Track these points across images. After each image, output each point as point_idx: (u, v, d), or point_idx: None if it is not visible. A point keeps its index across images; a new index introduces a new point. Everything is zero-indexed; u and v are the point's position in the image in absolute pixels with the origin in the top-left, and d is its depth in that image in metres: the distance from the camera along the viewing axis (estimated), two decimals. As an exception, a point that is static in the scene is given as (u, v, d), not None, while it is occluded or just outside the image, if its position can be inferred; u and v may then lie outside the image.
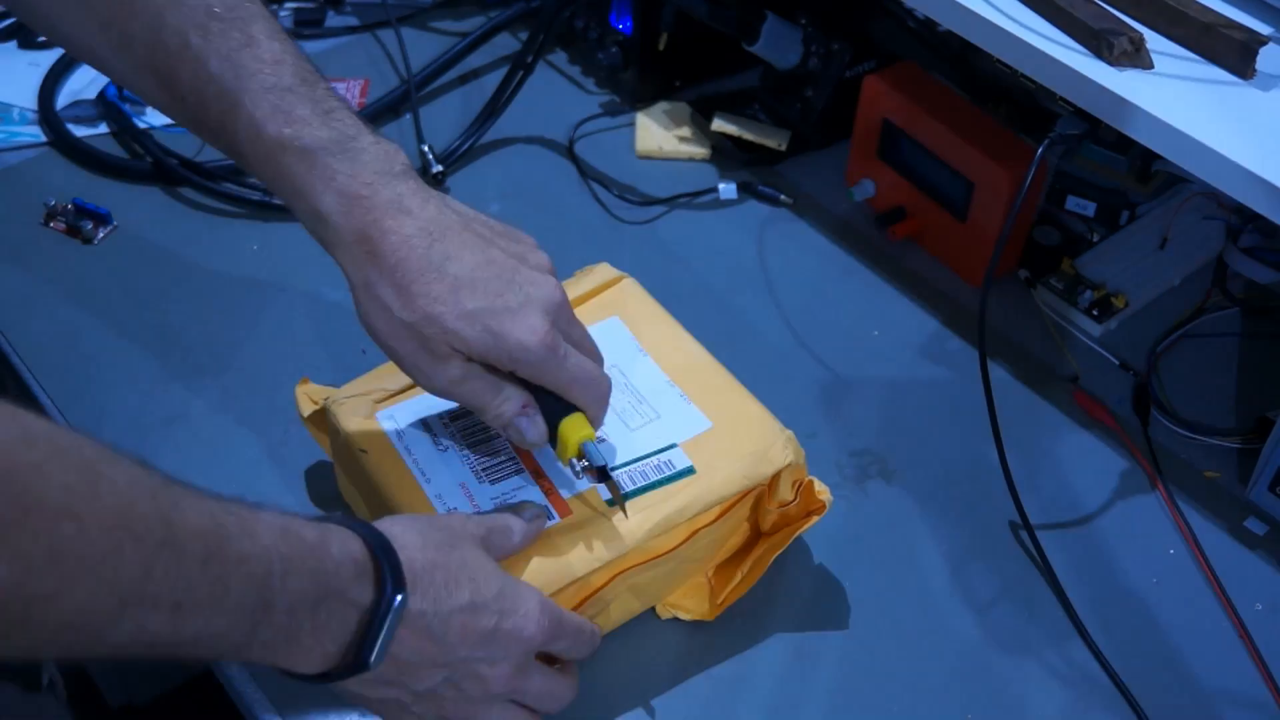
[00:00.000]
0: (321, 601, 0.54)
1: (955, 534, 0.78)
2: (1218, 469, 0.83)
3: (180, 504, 0.48)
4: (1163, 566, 0.77)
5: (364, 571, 0.55)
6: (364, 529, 0.57)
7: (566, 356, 0.64)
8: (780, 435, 0.71)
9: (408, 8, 1.16)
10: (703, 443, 0.71)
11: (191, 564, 0.48)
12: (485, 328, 0.62)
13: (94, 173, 0.99)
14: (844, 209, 1.01)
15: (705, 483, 0.69)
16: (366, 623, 0.55)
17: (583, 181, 1.02)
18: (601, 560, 0.66)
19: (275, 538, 0.52)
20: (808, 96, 1.02)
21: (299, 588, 0.52)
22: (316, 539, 0.54)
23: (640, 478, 0.69)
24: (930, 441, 0.84)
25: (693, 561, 0.71)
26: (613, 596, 0.68)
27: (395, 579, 0.56)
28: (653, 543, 0.68)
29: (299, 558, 0.52)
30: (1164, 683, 0.71)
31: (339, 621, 0.55)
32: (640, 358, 0.76)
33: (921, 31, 1.01)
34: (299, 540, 0.53)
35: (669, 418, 0.72)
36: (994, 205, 0.89)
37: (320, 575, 0.53)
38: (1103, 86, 0.71)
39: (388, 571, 0.55)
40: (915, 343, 0.91)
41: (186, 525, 0.48)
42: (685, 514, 0.68)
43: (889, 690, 0.71)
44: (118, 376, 0.85)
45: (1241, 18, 0.74)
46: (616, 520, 0.67)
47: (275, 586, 0.51)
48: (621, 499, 0.67)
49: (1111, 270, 0.93)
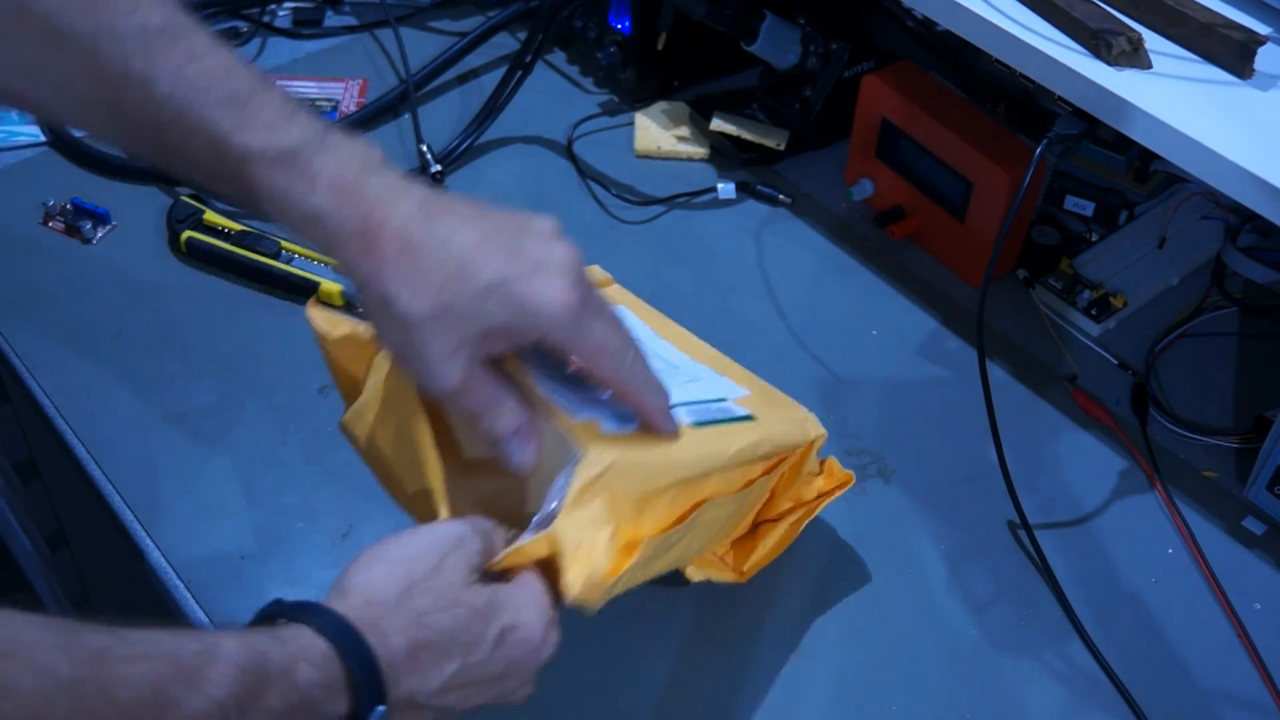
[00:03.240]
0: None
1: (954, 533, 0.79)
2: (1216, 468, 0.83)
3: (110, 683, 0.45)
4: (1161, 566, 0.77)
5: (337, 687, 0.53)
6: (337, 632, 0.53)
7: (591, 323, 0.60)
8: (806, 411, 0.72)
9: (406, 7, 1.16)
10: (746, 404, 0.70)
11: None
12: (502, 299, 0.58)
13: (93, 172, 0.99)
14: (843, 209, 1.01)
15: (765, 430, 0.68)
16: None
17: (581, 181, 1.02)
18: (704, 468, 0.64)
19: (232, 682, 0.48)
20: (806, 96, 1.03)
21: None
22: (280, 669, 0.51)
23: (704, 414, 0.67)
24: (929, 441, 0.84)
25: (737, 517, 0.70)
26: (690, 527, 0.65)
27: (372, 691, 0.53)
28: (734, 472, 0.66)
29: (257, 695, 0.49)
30: (1162, 682, 0.72)
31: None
32: (657, 340, 0.74)
33: (920, 31, 1.01)
34: (260, 674, 0.50)
35: (707, 381, 0.71)
36: (992, 205, 0.89)
37: (285, 706, 0.51)
38: (1101, 86, 0.71)
39: (362, 687, 0.53)
40: (914, 342, 0.91)
41: (117, 708, 0.45)
42: (759, 449, 0.67)
43: (888, 690, 0.71)
44: (117, 376, 0.85)
45: (1240, 18, 0.74)
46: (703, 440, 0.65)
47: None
48: None
49: (1110, 270, 0.93)
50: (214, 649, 0.49)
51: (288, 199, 0.60)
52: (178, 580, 0.74)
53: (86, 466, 0.80)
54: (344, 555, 0.76)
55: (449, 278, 0.58)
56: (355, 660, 0.53)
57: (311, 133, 0.60)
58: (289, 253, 0.91)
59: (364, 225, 0.59)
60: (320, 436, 0.82)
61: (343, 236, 0.59)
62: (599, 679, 0.71)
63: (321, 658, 0.52)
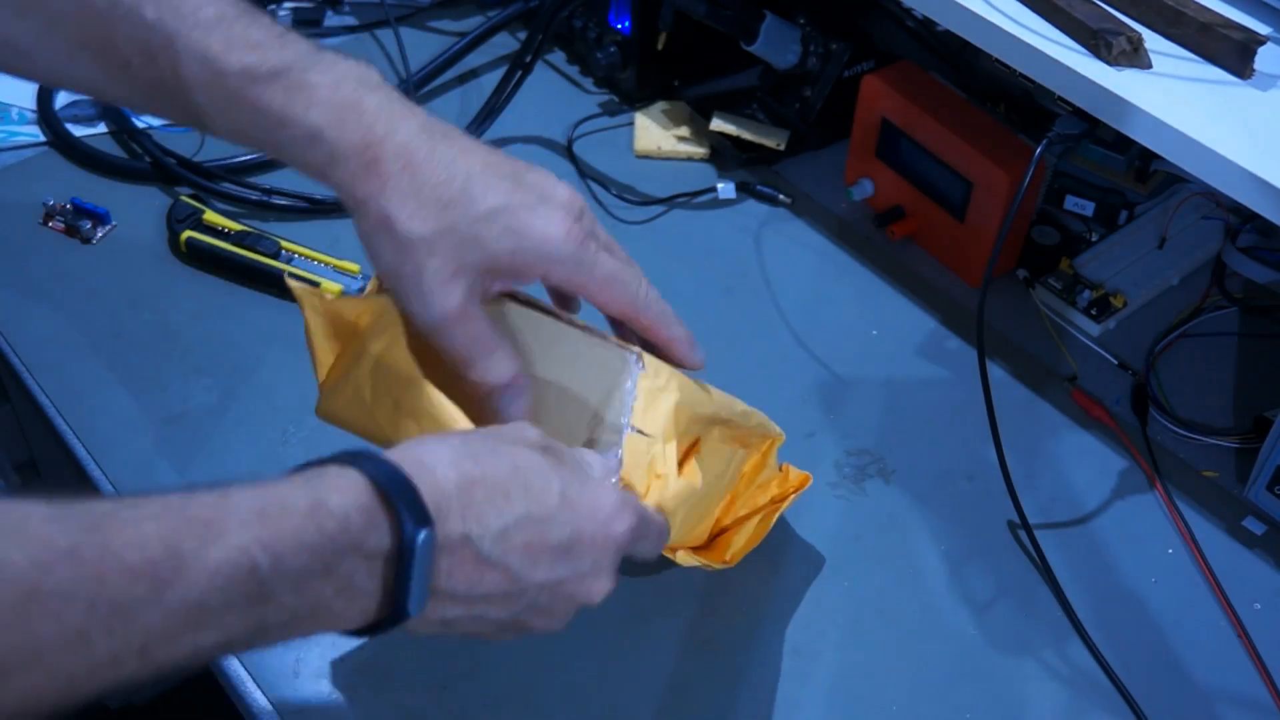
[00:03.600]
0: (334, 566, 0.47)
1: (954, 533, 0.79)
2: (1216, 468, 0.83)
3: (114, 545, 0.43)
4: (1161, 566, 0.77)
5: (376, 517, 0.48)
6: (371, 465, 0.49)
7: (598, 254, 0.59)
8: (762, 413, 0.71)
9: (406, 7, 1.16)
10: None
11: (143, 608, 0.43)
12: (506, 227, 0.57)
13: (92, 172, 0.99)
14: (843, 208, 1.01)
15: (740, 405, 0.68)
16: (394, 571, 0.49)
17: (581, 181, 1.02)
18: (723, 411, 0.64)
19: (252, 528, 0.45)
20: (806, 96, 1.02)
21: (298, 565, 0.46)
22: (308, 505, 0.47)
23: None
24: (929, 441, 0.84)
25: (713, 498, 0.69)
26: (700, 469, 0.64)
27: (415, 514, 0.48)
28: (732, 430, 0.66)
29: (288, 537, 0.46)
30: (1162, 682, 0.72)
31: (365, 576, 0.48)
32: None
33: (920, 31, 1.01)
34: (284, 516, 0.47)
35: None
36: (992, 205, 0.89)
37: (322, 544, 0.47)
38: (1101, 86, 0.71)
39: (403, 508, 0.48)
40: (914, 342, 0.91)
41: (124, 569, 0.43)
42: (751, 418, 0.68)
43: (888, 690, 0.71)
44: (117, 376, 0.85)
45: (1240, 18, 0.74)
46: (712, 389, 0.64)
47: (266, 579, 0.45)
48: None
49: (1110, 270, 0.93)
50: (227, 500, 0.46)
51: (285, 116, 0.58)
52: (178, 580, 0.74)
53: (86, 466, 0.80)
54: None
55: (452, 200, 0.57)
56: (390, 483, 0.49)
57: (305, 50, 0.59)
58: (289, 253, 0.91)
59: (364, 140, 0.57)
60: (320, 436, 0.81)
61: (343, 152, 0.57)
62: (599, 679, 0.71)
63: (351, 481, 0.49)
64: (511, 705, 0.69)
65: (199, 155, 1.00)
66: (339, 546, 0.47)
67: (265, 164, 1.00)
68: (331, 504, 0.47)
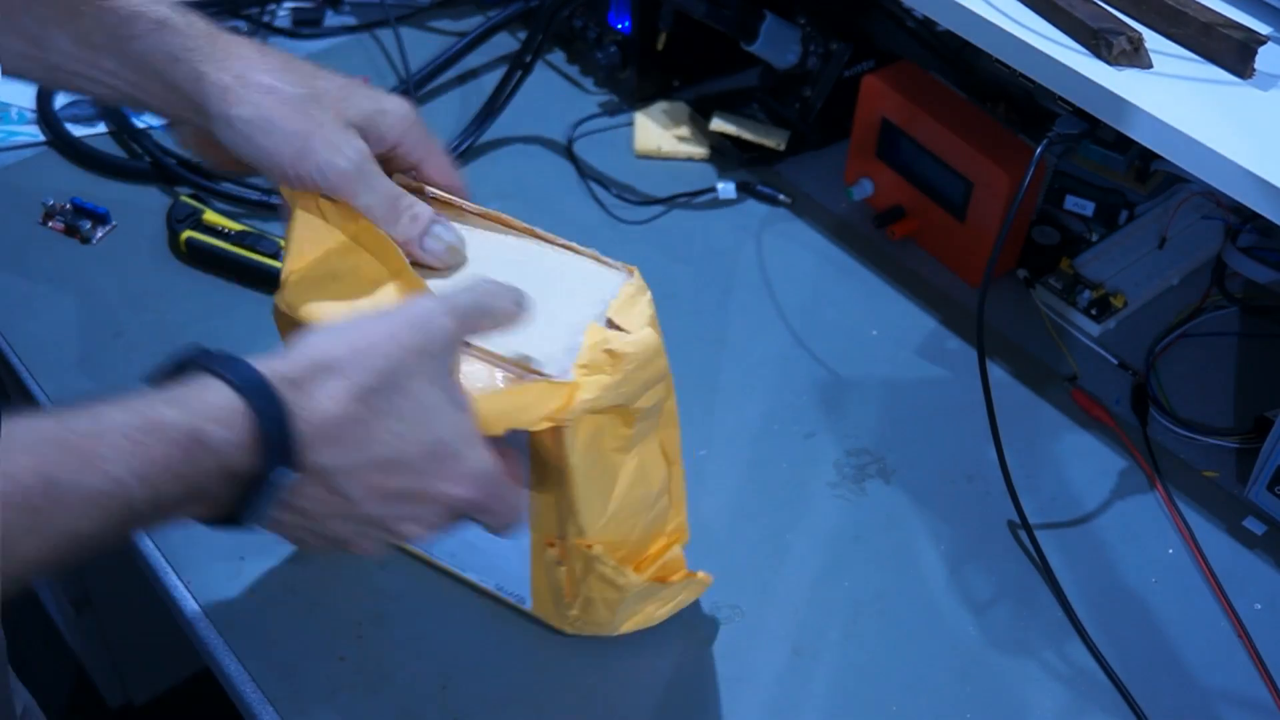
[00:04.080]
0: (203, 490, 0.50)
1: (954, 533, 0.79)
2: (1216, 468, 0.83)
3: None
4: (1161, 566, 0.77)
5: (249, 449, 0.50)
6: (257, 397, 0.50)
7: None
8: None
9: (406, 7, 1.16)
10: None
11: (16, 535, 0.44)
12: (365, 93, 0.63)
13: (92, 172, 0.99)
14: (843, 208, 1.01)
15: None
16: (250, 490, 0.51)
17: (581, 181, 1.02)
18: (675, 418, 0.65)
19: (128, 456, 0.47)
20: (806, 96, 1.02)
21: (171, 492, 0.48)
22: (186, 436, 0.48)
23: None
24: (929, 441, 0.84)
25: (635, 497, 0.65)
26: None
27: (284, 455, 0.51)
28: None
29: (161, 468, 0.48)
30: (1162, 682, 0.72)
31: (226, 493, 0.51)
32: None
33: (920, 31, 1.01)
34: (160, 445, 0.48)
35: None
36: (992, 204, 0.89)
37: (195, 474, 0.49)
38: (1101, 86, 0.71)
39: (274, 447, 0.50)
40: (914, 342, 0.91)
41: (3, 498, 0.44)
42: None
43: (888, 690, 0.71)
44: (116, 376, 0.85)
45: (1241, 17, 0.74)
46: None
47: (138, 507, 0.47)
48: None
49: (1110, 270, 0.93)
50: (102, 423, 0.47)
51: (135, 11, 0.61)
52: (177, 580, 0.74)
53: (86, 466, 0.80)
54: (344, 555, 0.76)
55: (312, 71, 0.62)
56: (271, 423, 0.50)
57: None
58: (289, 253, 0.91)
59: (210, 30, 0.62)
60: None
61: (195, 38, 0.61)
62: (599, 679, 0.71)
63: (231, 415, 0.50)
64: (511, 705, 0.69)
65: (199, 155, 1.00)
66: (211, 476, 0.49)
67: (265, 164, 1.00)
68: (210, 437, 0.49)
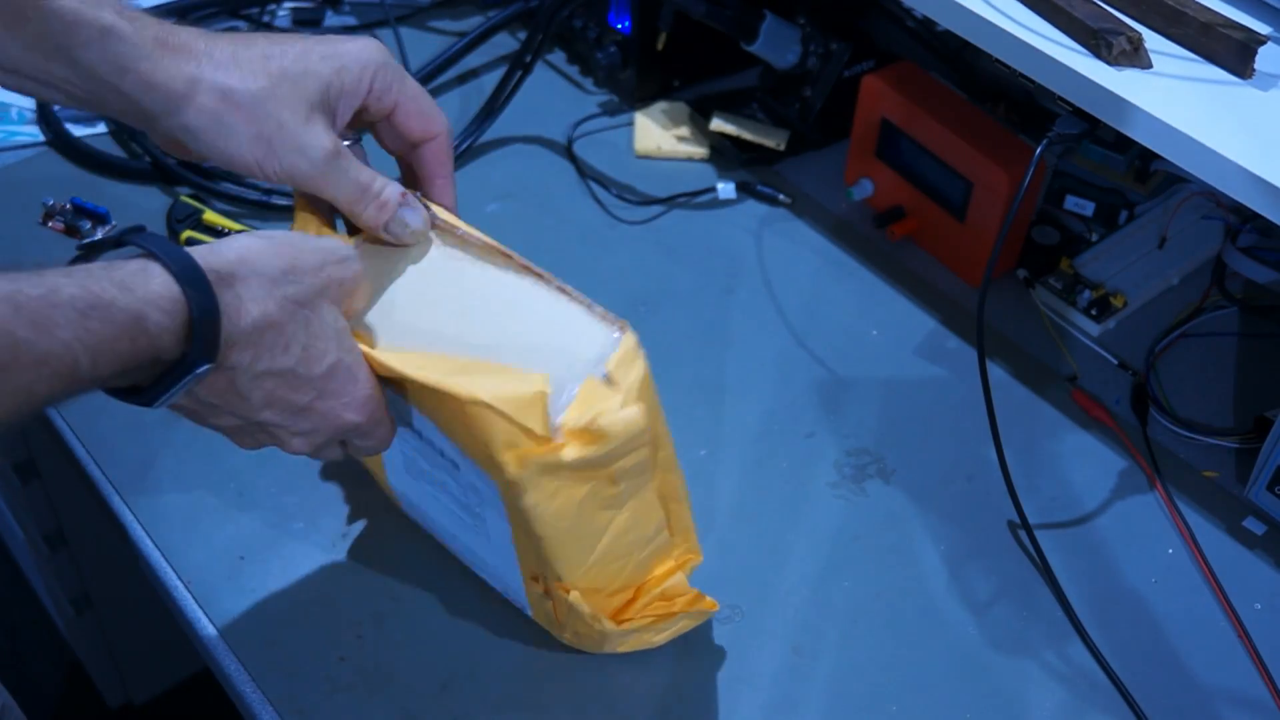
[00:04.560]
0: (132, 369, 0.52)
1: (954, 534, 0.79)
2: (1216, 468, 0.83)
3: None
4: (1161, 566, 0.77)
5: (179, 339, 0.53)
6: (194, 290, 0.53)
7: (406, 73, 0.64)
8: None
9: (406, 7, 1.16)
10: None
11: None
12: (323, 54, 0.61)
13: (92, 172, 0.99)
14: (843, 208, 1.01)
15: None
16: (162, 375, 0.54)
17: (581, 181, 1.02)
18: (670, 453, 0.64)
19: (77, 327, 0.49)
20: (806, 96, 1.03)
21: (106, 367, 0.51)
22: (129, 318, 0.51)
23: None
24: (929, 441, 0.84)
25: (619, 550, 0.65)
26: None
27: (208, 350, 0.54)
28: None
29: (108, 343, 0.50)
30: (1163, 682, 0.72)
31: (148, 375, 0.54)
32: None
33: (920, 31, 1.02)
34: (108, 322, 0.50)
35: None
36: (992, 205, 0.89)
37: (131, 355, 0.51)
38: (1101, 86, 0.71)
39: (201, 340, 0.53)
40: (914, 342, 0.91)
41: None
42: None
43: (888, 690, 0.71)
44: (116, 376, 0.85)
45: (1241, 17, 0.74)
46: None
47: (84, 376, 0.50)
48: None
49: (1110, 270, 0.93)
50: (55, 293, 0.49)
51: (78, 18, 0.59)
52: (177, 580, 0.74)
53: (86, 467, 0.80)
54: (344, 556, 0.76)
55: (265, 54, 0.60)
56: (202, 316, 0.53)
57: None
58: (289, 253, 0.91)
59: (159, 34, 0.60)
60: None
61: (141, 46, 0.59)
62: (598, 679, 0.71)
63: (169, 304, 0.52)
64: (511, 705, 0.69)
65: (199, 155, 1.00)
66: (144, 359, 0.52)
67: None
68: (150, 323, 0.52)
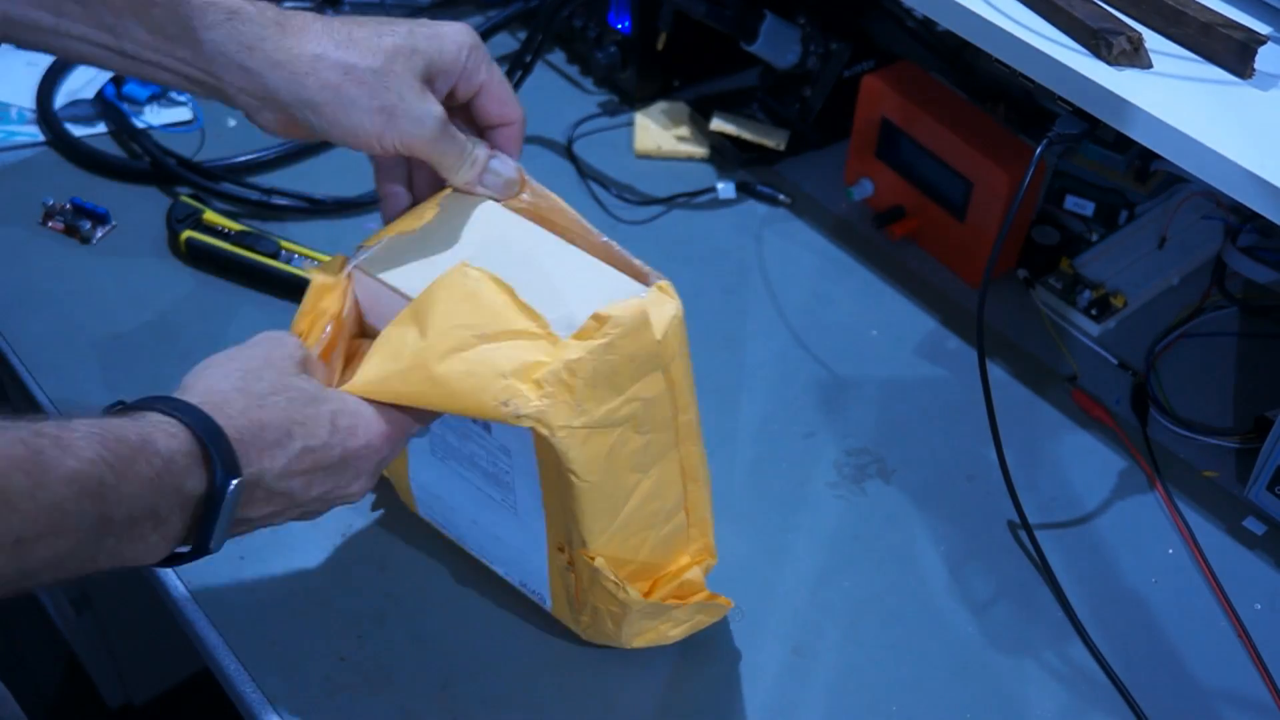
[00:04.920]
0: (159, 501, 0.53)
1: (954, 533, 0.79)
2: (1216, 468, 0.83)
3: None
4: (1161, 566, 0.77)
5: (194, 461, 0.54)
6: (186, 412, 0.55)
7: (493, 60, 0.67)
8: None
9: (406, 8, 1.16)
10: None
11: (19, 499, 0.47)
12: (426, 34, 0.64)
13: (92, 172, 0.99)
14: (843, 208, 1.01)
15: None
16: (203, 512, 0.55)
17: (581, 181, 1.02)
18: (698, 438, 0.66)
19: (97, 447, 0.50)
20: (806, 96, 1.02)
21: (134, 492, 0.51)
22: (139, 439, 0.53)
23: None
24: (929, 441, 0.84)
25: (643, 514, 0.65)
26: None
27: (226, 464, 0.54)
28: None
29: (127, 462, 0.51)
30: (1163, 682, 0.72)
31: (179, 513, 0.54)
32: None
33: (920, 31, 1.01)
34: (122, 444, 0.52)
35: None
36: (992, 205, 0.89)
37: (152, 477, 0.52)
38: (1101, 86, 0.71)
39: (217, 459, 0.54)
40: (914, 342, 0.91)
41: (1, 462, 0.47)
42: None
43: (888, 690, 0.71)
44: (116, 376, 0.85)
45: (1241, 17, 0.74)
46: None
47: (111, 497, 0.50)
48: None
49: (1110, 270, 0.93)
50: (70, 423, 0.51)
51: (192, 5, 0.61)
52: (177, 580, 0.74)
53: (86, 466, 0.80)
54: (344, 555, 0.76)
55: (378, 33, 0.63)
56: (206, 433, 0.55)
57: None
58: (289, 252, 0.91)
59: (280, 16, 0.62)
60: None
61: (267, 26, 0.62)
62: (598, 679, 0.71)
63: (176, 428, 0.54)
64: (511, 705, 0.69)
65: (199, 155, 1.00)
66: (163, 486, 0.53)
67: (265, 164, 1.00)
68: (159, 445, 0.53)
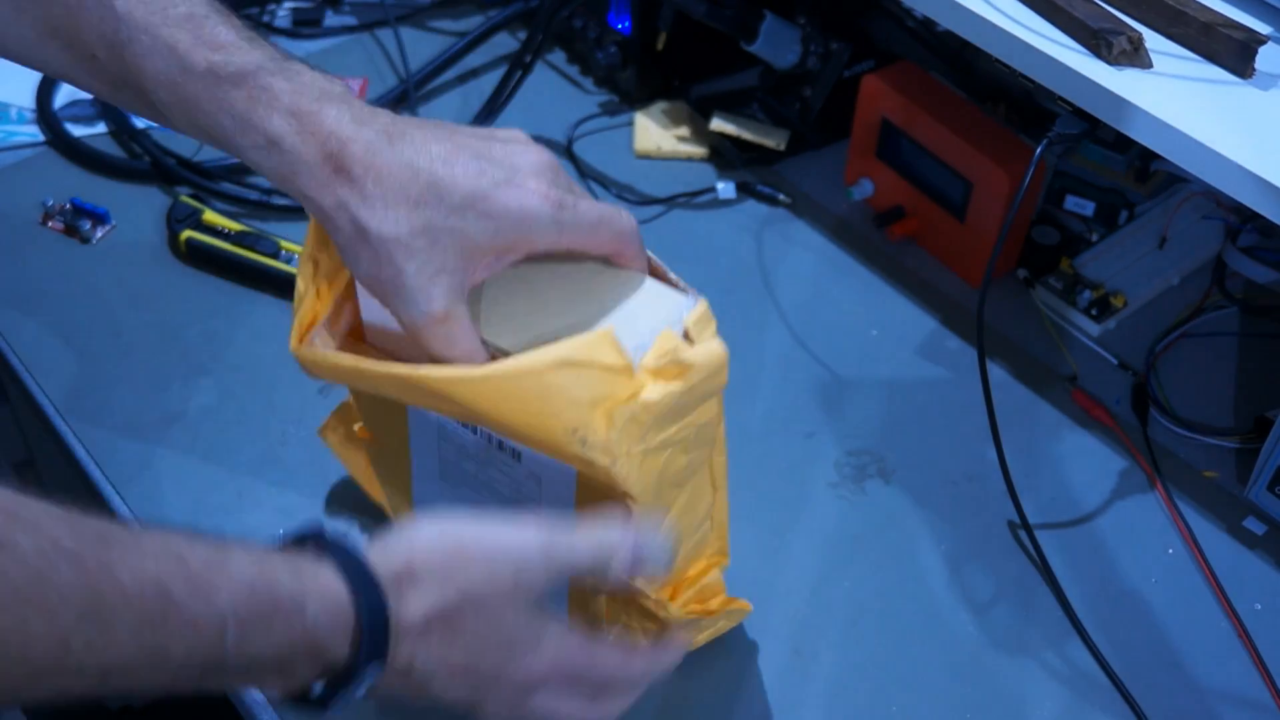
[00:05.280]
0: (288, 663, 0.50)
1: (954, 534, 0.79)
2: (1216, 469, 0.83)
3: (116, 566, 0.44)
4: (1161, 566, 0.77)
5: (342, 636, 0.51)
6: (360, 580, 0.51)
7: (576, 205, 0.59)
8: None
9: (406, 7, 1.16)
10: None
11: (122, 634, 0.44)
12: (481, 213, 0.56)
13: (92, 172, 0.99)
14: (843, 208, 1.01)
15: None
16: (333, 680, 0.51)
17: (581, 181, 1.02)
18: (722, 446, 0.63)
19: (238, 598, 0.47)
20: (806, 96, 1.02)
21: (258, 651, 0.48)
22: (292, 596, 0.49)
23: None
24: (929, 441, 0.84)
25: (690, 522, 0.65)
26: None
27: (376, 649, 0.51)
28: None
29: (263, 619, 0.48)
30: (1163, 682, 0.72)
31: (308, 673, 0.51)
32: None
33: (920, 31, 1.01)
34: (269, 599, 0.48)
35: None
36: (992, 205, 0.89)
37: (288, 638, 0.49)
38: (1101, 86, 0.71)
39: (367, 640, 0.51)
40: (914, 342, 0.91)
41: (119, 591, 0.44)
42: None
43: (889, 690, 0.71)
44: (116, 376, 0.85)
45: (1241, 17, 0.74)
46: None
47: (228, 651, 0.47)
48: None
49: (1110, 270, 0.93)
50: (225, 562, 0.48)
51: (246, 121, 0.57)
52: (177, 580, 0.74)
53: (86, 467, 0.80)
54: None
55: (420, 198, 0.56)
56: (369, 612, 0.51)
57: (271, 55, 0.59)
58: (288, 253, 0.91)
59: (324, 151, 0.57)
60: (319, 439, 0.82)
61: (302, 162, 0.57)
62: (599, 679, 0.70)
63: (335, 600, 0.50)
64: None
65: (199, 155, 1.00)
66: (299, 650, 0.50)
67: (265, 164, 1.00)
68: (309, 611, 0.49)
